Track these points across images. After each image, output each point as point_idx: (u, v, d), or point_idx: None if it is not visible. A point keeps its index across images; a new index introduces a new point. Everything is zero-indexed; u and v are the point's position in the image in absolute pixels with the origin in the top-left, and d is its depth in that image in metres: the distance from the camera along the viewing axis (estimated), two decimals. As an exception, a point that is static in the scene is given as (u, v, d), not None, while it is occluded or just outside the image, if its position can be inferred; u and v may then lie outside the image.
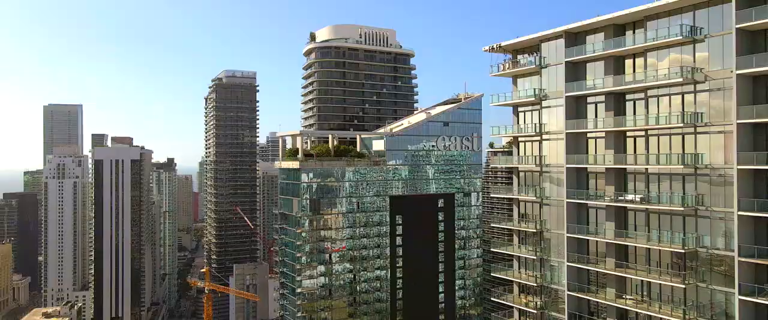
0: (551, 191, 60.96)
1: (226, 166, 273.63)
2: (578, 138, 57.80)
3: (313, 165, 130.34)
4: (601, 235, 55.40)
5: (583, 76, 57.22)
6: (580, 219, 57.76)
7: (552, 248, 61.17)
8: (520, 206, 66.26)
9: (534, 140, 63.74)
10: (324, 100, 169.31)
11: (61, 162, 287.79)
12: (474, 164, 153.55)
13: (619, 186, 54.38)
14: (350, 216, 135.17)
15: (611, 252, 54.89)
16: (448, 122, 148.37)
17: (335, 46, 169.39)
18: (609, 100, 54.96)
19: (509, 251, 67.76)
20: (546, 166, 61.27)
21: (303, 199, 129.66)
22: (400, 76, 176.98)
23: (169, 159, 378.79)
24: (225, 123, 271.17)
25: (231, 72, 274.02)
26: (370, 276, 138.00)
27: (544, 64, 60.98)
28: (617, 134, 54.47)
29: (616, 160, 53.65)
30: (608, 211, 55.02)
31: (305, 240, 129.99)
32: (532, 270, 64.05)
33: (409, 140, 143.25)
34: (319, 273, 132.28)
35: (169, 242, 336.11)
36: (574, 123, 57.40)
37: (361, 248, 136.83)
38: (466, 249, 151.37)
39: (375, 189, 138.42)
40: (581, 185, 57.64)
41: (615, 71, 54.37)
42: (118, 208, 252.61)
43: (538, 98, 61.34)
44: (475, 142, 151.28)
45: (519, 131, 65.14)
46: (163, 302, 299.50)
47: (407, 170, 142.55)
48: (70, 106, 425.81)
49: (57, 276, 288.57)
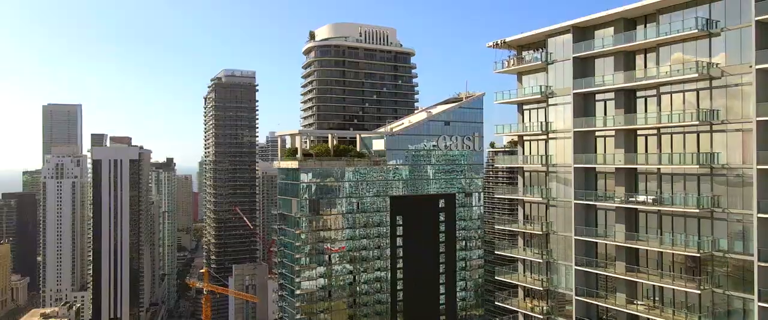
0: (558, 192, 58.57)
1: (225, 166, 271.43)
2: (586, 137, 55.43)
3: (313, 165, 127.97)
4: (610, 238, 53.03)
5: (592, 73, 54.84)
6: (589, 221, 55.39)
7: (559, 251, 58.78)
8: (526, 207, 63.87)
9: (540, 139, 61.37)
10: (323, 99, 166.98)
11: (60, 162, 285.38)
12: (475, 164, 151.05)
13: (630, 187, 52.01)
14: (350, 216, 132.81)
15: (621, 255, 52.52)
16: (449, 121, 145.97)
17: (335, 45, 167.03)
18: (619, 97, 52.58)
19: (514, 253, 65.38)
20: (553, 166, 58.91)
21: (302, 200, 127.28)
22: (400, 75, 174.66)
23: (169, 159, 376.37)
24: (224, 122, 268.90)
25: (230, 71, 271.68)
26: (370, 277, 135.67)
27: (551, 60, 58.59)
28: (628, 132, 52.09)
29: (626, 160, 51.27)
30: (618, 213, 52.66)
31: (304, 241, 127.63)
32: (537, 273, 61.66)
33: (410, 140, 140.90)
34: (318, 274, 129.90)
35: (168, 242, 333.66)
36: (582, 121, 55.02)
37: (361, 249, 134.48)
38: (467, 249, 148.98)
39: (375, 190, 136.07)
40: (589, 186, 55.26)
41: (625, 67, 51.98)
42: (117, 208, 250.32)
43: (544, 95, 58.97)
44: (476, 142, 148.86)
45: (524, 130, 62.75)
46: (162, 302, 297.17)
47: (408, 170, 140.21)
48: (69, 106, 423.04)
49: (56, 276, 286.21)
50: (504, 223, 66.48)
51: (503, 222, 65.45)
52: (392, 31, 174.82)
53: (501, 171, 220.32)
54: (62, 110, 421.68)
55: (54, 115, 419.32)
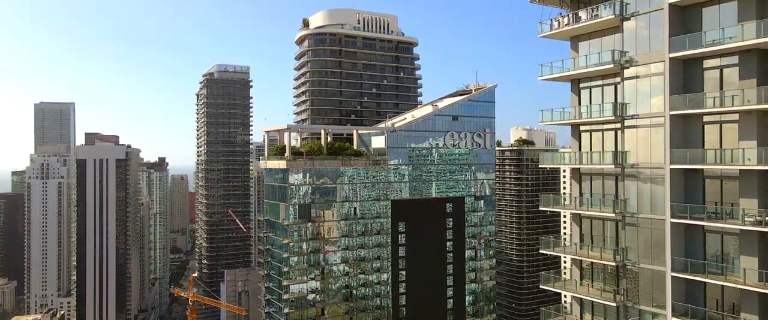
0: (639, 204, 39.32)
1: (218, 166, 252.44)
2: (690, 123, 36.26)
3: (303, 165, 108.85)
4: (733, 277, 33.90)
5: (698, 26, 35.67)
6: (693, 250, 36.24)
7: (640, 291, 39.52)
8: (582, 224, 44.64)
9: (608, 128, 42.13)
10: (318, 92, 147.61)
11: (45, 162, 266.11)
12: (486, 164, 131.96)
13: (766, 200, 32.91)
14: (346, 223, 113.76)
15: (751, 303, 33.38)
16: (457, 116, 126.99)
17: (330, 33, 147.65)
18: (748, 61, 33.42)
19: (561, 288, 46.02)
20: (631, 166, 39.63)
21: (291, 205, 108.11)
22: (402, 67, 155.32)
23: (161, 158, 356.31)
24: (216, 120, 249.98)
25: (223, 66, 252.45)
26: (368, 292, 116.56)
27: (629, 13, 39.36)
28: (763, 115, 32.97)
29: (763, 158, 32.12)
30: (745, 239, 33.54)
31: (293, 252, 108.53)
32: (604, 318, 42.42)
33: (413, 136, 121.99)
34: (309, 288, 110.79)
35: (160, 245, 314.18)
36: (682, 100, 35.79)
37: (358, 260, 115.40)
38: (477, 259, 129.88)
39: (375, 193, 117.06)
40: (693, 196, 36.13)
41: (760, 13, 32.85)
42: (103, 210, 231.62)
43: (617, 65, 39.70)
44: (487, 139, 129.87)
45: (580, 116, 43.50)
46: (152, 308, 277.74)
47: (411, 170, 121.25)
48: (62, 104, 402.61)
49: (41, 281, 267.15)
50: (548, 246, 46.98)
51: (547, 245, 45.68)
52: (393, 18, 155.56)
53: (509, 172, 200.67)
54: (55, 109, 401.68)
55: (46, 113, 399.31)
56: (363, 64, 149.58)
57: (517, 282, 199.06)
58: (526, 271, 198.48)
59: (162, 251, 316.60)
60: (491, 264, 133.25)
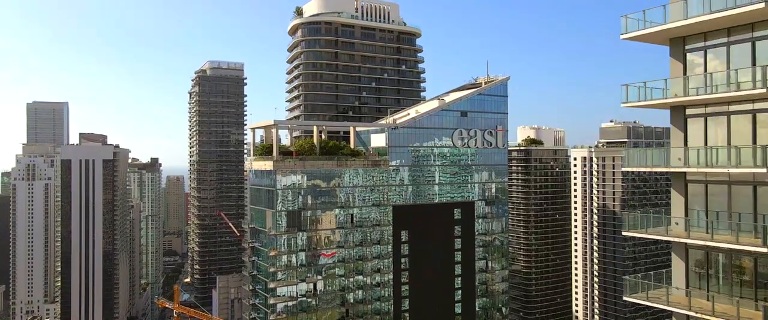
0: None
1: (211, 167, 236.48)
2: None
3: (293, 166, 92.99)
4: None
5: None
6: None
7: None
8: (691, 254, 28.75)
9: (737, 110, 26.37)
10: (312, 86, 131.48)
11: (31, 163, 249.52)
12: (498, 165, 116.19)
13: None
14: (342, 232, 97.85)
15: None
16: (466, 112, 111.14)
17: (326, 22, 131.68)
18: None
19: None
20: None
21: (278, 212, 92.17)
22: (404, 59, 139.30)
23: (153, 159, 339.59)
24: (209, 119, 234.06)
25: (216, 63, 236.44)
26: (367, 309, 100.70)
27: None
28: None
29: None
30: None
31: (280, 267, 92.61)
32: None
33: (417, 134, 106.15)
34: (300, 307, 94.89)
35: (153, 248, 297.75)
36: None
37: (356, 273, 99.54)
38: (488, 271, 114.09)
39: (374, 197, 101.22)
40: None
41: None
42: (89, 213, 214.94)
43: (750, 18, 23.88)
44: (499, 137, 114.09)
45: (686, 91, 27.71)
46: (142, 315, 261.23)
47: (414, 172, 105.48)
48: (54, 104, 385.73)
49: (26, 286, 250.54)
50: (637, 290, 30.80)
51: (637, 289, 28.95)
52: (395, 6, 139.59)
53: (516, 174, 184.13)
54: (47, 108, 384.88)
55: (39, 113, 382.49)
56: (361, 56, 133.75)
57: (525, 289, 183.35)
58: (535, 278, 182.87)
59: (154, 255, 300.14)
60: (504, 276, 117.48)
